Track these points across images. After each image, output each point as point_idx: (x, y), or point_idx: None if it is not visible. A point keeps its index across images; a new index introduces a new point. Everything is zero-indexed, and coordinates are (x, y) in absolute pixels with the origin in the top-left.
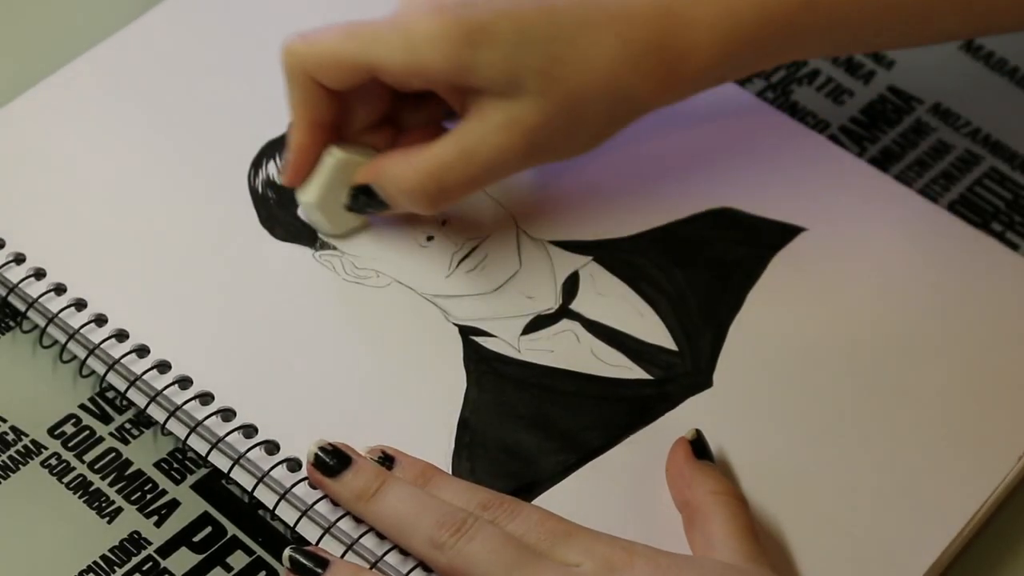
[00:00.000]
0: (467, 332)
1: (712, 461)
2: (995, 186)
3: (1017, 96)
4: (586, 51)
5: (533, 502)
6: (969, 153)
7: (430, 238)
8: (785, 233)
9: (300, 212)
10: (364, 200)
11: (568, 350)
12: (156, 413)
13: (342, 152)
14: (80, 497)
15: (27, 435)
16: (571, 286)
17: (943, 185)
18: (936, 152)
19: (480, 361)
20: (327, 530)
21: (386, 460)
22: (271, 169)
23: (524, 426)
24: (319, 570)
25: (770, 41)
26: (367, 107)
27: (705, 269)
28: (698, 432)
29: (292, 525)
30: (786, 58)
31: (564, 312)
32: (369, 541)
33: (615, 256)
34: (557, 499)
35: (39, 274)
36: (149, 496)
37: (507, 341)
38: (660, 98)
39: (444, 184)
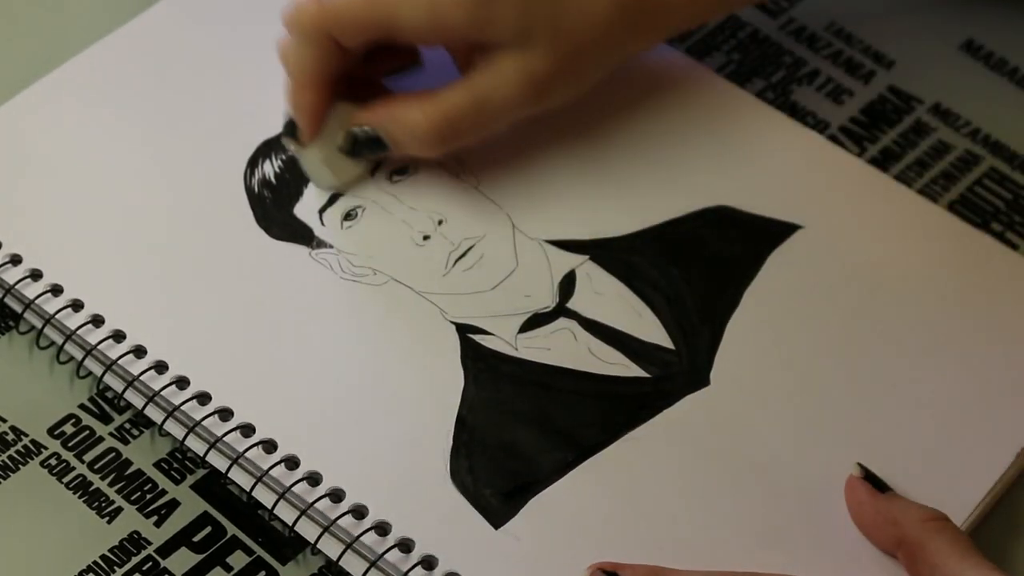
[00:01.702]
0: (464, 330)
1: (891, 489)
2: (995, 186)
3: (1017, 96)
4: (585, 6)
5: (531, 500)
6: (969, 153)
7: (426, 236)
8: (782, 231)
9: (305, 167)
10: (364, 144)
11: (565, 348)
12: (154, 414)
13: (343, 104)
14: (80, 497)
15: (27, 435)
16: (568, 285)
17: (943, 185)
18: (936, 152)
19: (478, 359)
20: (326, 528)
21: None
22: (267, 169)
23: (522, 424)
24: None
25: None
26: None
27: (702, 267)
28: (863, 466)
29: (291, 524)
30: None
31: (561, 310)
32: (369, 539)
33: (612, 255)
34: (555, 497)
35: (36, 275)
36: (149, 496)
37: (504, 339)
38: (641, 47)
39: (457, 127)
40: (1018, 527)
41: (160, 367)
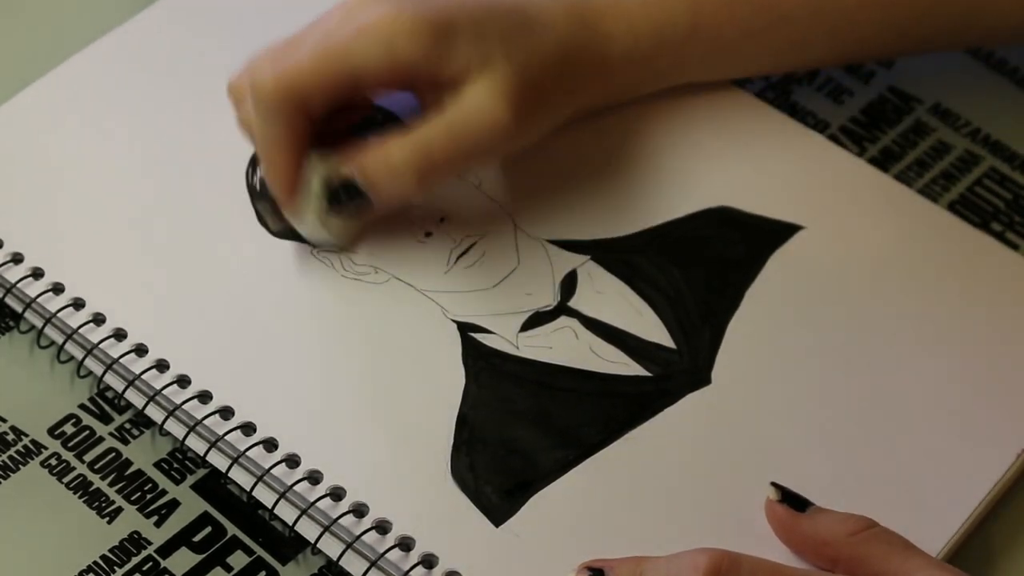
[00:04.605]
0: (465, 328)
1: (812, 503)
2: (995, 186)
3: (1017, 96)
4: (535, 27)
5: (532, 498)
6: (969, 153)
7: (428, 234)
8: (783, 231)
9: (299, 229)
10: (344, 194)
11: (567, 347)
12: (154, 413)
13: (322, 157)
14: (80, 497)
15: (27, 435)
16: (569, 284)
17: (943, 185)
18: (936, 152)
19: (479, 357)
20: (327, 528)
21: (596, 574)
22: None
23: (523, 422)
24: None
25: (665, 62)
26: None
27: (703, 268)
28: (778, 487)
29: (291, 524)
30: (684, 78)
31: (562, 309)
32: (369, 538)
33: (613, 255)
34: (556, 495)
35: (37, 274)
36: (149, 496)
37: (505, 338)
38: (589, 84)
39: (434, 160)
40: (1018, 527)
41: (161, 366)
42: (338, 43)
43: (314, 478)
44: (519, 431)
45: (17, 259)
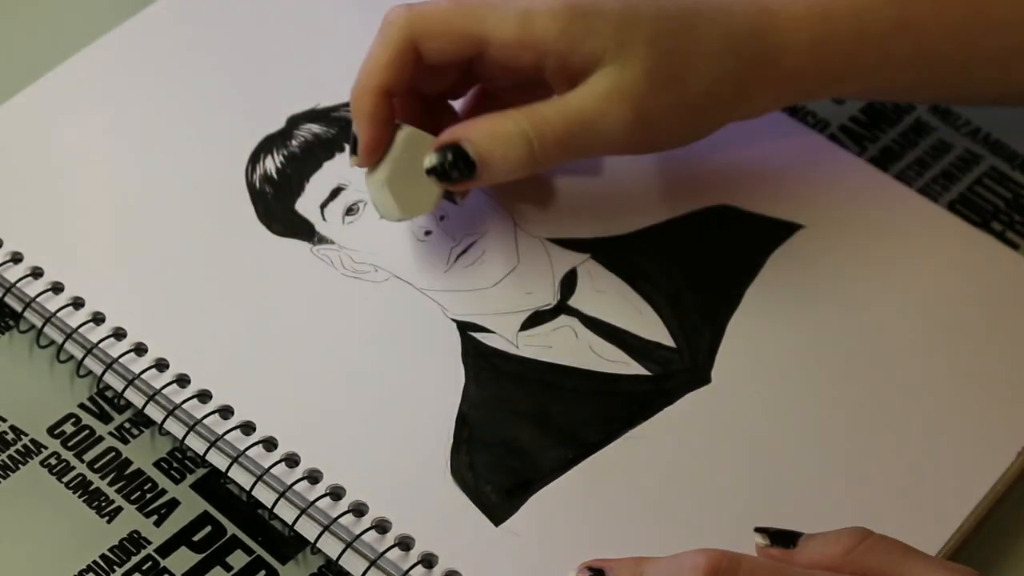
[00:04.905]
0: (465, 328)
1: (801, 534)
2: (995, 185)
3: None
4: (691, 31)
5: (532, 498)
6: (969, 153)
7: (428, 232)
8: (784, 230)
9: (370, 193)
10: (451, 160)
11: (566, 346)
12: (154, 412)
13: (413, 128)
14: (80, 496)
15: (27, 434)
16: (569, 283)
17: (943, 184)
18: (936, 151)
19: (479, 356)
20: (327, 528)
21: (596, 573)
22: (268, 164)
23: (523, 421)
24: None
25: (862, 56)
26: (429, 87)
27: (704, 266)
28: (763, 531)
29: (291, 524)
30: (877, 82)
31: (562, 308)
32: (369, 538)
33: (613, 254)
34: (556, 494)
35: (36, 274)
36: (149, 495)
37: (505, 337)
38: (761, 90)
39: (544, 137)
40: (1018, 527)
41: (160, 365)
42: (476, 4)
43: (313, 477)
44: (519, 430)
45: (17, 259)
